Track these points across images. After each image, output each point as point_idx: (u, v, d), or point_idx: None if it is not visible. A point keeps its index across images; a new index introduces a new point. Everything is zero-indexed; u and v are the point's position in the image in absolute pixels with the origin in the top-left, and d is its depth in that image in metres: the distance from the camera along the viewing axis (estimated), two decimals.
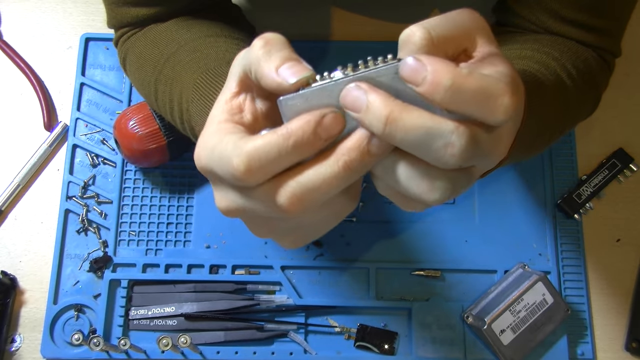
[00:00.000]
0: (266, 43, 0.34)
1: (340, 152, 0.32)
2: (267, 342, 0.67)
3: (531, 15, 0.57)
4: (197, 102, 0.48)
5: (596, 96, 0.60)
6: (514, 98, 0.31)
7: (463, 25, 0.34)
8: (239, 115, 0.37)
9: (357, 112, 0.31)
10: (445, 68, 0.30)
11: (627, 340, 0.68)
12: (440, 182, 0.33)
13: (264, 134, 0.32)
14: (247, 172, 0.32)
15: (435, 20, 0.34)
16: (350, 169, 0.33)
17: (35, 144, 0.74)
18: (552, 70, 0.52)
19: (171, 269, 0.69)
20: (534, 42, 0.56)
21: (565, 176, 0.73)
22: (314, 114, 0.32)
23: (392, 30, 0.78)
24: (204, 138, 0.35)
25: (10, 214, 0.72)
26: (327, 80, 0.33)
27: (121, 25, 0.59)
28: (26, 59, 0.77)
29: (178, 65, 0.53)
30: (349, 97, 0.32)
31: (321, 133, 0.32)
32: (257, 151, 0.32)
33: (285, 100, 0.33)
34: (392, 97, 0.31)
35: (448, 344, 0.66)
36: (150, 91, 0.57)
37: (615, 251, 0.71)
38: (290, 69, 0.33)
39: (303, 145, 0.32)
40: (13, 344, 0.67)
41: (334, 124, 0.32)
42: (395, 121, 0.30)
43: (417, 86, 0.30)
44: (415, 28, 0.33)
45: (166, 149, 0.68)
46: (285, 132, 0.32)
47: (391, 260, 0.70)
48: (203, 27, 0.57)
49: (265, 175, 0.33)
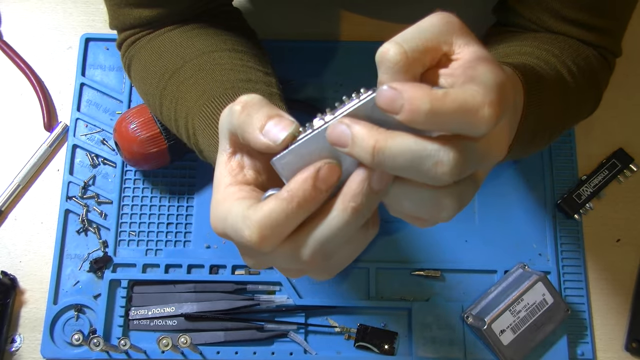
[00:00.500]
0: (244, 107, 0.36)
1: (346, 200, 0.33)
2: (267, 342, 0.67)
3: (532, 14, 0.57)
4: (204, 130, 0.48)
5: (597, 94, 0.60)
6: (493, 107, 0.30)
7: (436, 31, 0.35)
8: (241, 174, 0.38)
9: (345, 147, 0.32)
10: (421, 93, 0.30)
11: (627, 340, 0.68)
12: (446, 200, 0.33)
13: (269, 197, 0.33)
14: (261, 241, 0.33)
15: (407, 33, 0.35)
16: (359, 211, 0.33)
17: (35, 144, 0.74)
18: (552, 65, 0.52)
19: (171, 269, 0.69)
20: (533, 40, 0.56)
21: (565, 176, 0.73)
22: (310, 171, 0.33)
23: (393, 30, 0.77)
24: (215, 206, 0.37)
25: (10, 214, 0.72)
26: (310, 131, 0.34)
27: (124, 27, 0.59)
28: (26, 59, 0.77)
29: (183, 85, 0.53)
30: (334, 134, 0.32)
31: (320, 186, 0.33)
32: (265, 219, 0.33)
33: (278, 161, 0.34)
34: (375, 127, 0.32)
35: (448, 344, 0.66)
36: (155, 103, 0.57)
37: (615, 251, 0.71)
38: (274, 128, 0.34)
39: (307, 203, 0.33)
40: (13, 344, 0.67)
41: (330, 174, 0.33)
42: (382, 150, 0.31)
43: (396, 114, 0.30)
44: (388, 45, 0.34)
45: (167, 153, 0.68)
46: (287, 195, 0.33)
47: (391, 260, 0.70)
48: (207, 40, 0.57)
49: (279, 238, 0.34)
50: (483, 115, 0.30)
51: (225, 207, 0.36)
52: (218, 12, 0.61)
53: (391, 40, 0.34)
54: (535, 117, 0.48)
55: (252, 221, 0.33)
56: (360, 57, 0.76)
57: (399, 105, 0.30)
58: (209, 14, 0.60)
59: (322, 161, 0.33)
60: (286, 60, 0.76)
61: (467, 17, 0.36)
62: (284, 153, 0.34)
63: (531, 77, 0.48)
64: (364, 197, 0.33)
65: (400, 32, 0.34)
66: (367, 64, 0.76)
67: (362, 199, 0.33)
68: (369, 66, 0.81)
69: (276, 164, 0.34)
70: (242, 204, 0.35)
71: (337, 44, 0.77)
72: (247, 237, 0.34)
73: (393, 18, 0.78)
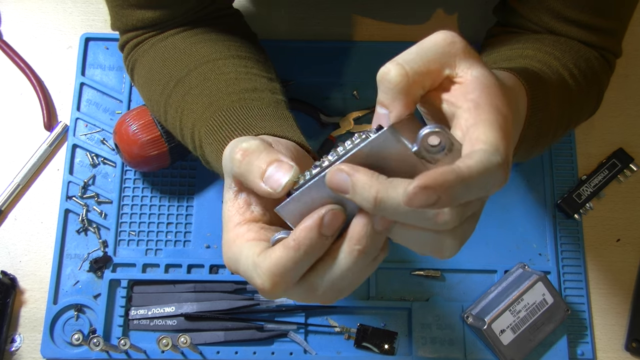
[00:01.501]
0: (244, 155, 0.37)
1: (351, 244, 0.34)
2: (267, 342, 0.67)
3: (533, 15, 0.57)
4: (211, 144, 0.49)
5: (599, 95, 0.60)
6: (505, 172, 0.31)
7: (439, 52, 0.35)
8: (248, 211, 0.39)
9: (346, 193, 0.32)
10: (448, 174, 0.29)
11: (627, 340, 0.68)
12: (448, 241, 0.34)
13: (277, 244, 0.34)
14: (273, 288, 0.35)
15: (409, 53, 0.34)
16: (366, 252, 0.34)
17: (35, 144, 0.74)
18: (554, 69, 0.52)
19: (171, 269, 0.69)
20: (535, 42, 0.55)
21: (565, 176, 0.73)
22: (314, 219, 0.34)
23: (394, 30, 0.78)
24: (228, 246, 0.38)
25: (10, 214, 0.72)
26: (309, 178, 0.34)
27: (126, 28, 0.59)
28: (26, 59, 0.77)
29: (188, 95, 0.53)
30: (334, 181, 0.33)
31: (326, 232, 0.34)
32: (275, 268, 0.34)
33: (282, 210, 0.35)
34: (375, 175, 0.32)
35: (448, 344, 0.66)
36: (159, 110, 0.57)
37: (615, 251, 0.71)
38: (274, 175, 0.35)
39: (314, 250, 0.34)
40: (13, 344, 0.67)
41: (335, 220, 0.34)
42: (383, 201, 0.31)
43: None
44: (390, 65, 0.34)
45: (167, 155, 0.67)
46: (294, 244, 0.34)
47: (391, 260, 0.70)
48: (210, 47, 0.57)
49: (290, 283, 0.35)
50: (497, 181, 0.31)
51: (236, 250, 0.37)
52: (219, 15, 0.61)
53: (393, 60, 0.34)
54: (538, 122, 0.48)
55: (263, 269, 0.34)
56: (360, 57, 0.76)
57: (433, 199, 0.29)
58: (211, 16, 0.60)
59: (326, 207, 0.34)
60: (286, 60, 0.76)
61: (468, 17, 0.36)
62: (287, 202, 0.35)
63: (534, 83, 0.47)
64: (368, 239, 0.34)
65: (400, 31, 0.34)
66: (367, 64, 0.76)
67: (367, 241, 0.34)
68: (369, 66, 0.82)
69: (281, 212, 0.35)
70: (252, 250, 0.36)
71: (337, 44, 0.77)
72: (260, 284, 0.35)
73: (393, 18, 0.78)
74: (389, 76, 0.34)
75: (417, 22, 0.77)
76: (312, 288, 0.36)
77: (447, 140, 0.31)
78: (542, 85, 0.49)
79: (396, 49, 0.34)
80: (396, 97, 0.34)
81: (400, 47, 0.36)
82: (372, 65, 0.77)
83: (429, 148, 0.32)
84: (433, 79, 0.35)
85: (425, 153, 0.32)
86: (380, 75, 0.34)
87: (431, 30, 0.36)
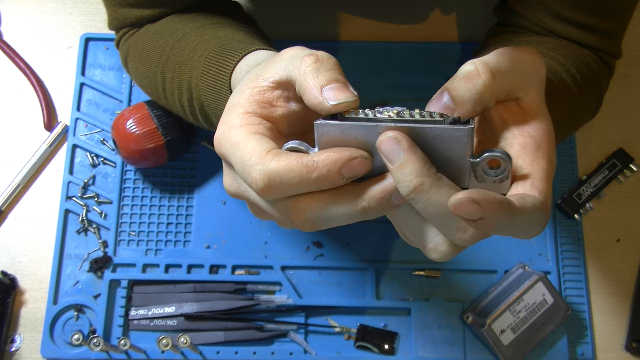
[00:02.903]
0: (317, 60, 0.35)
1: (361, 197, 0.33)
2: (267, 342, 0.67)
3: (532, 15, 0.57)
4: (208, 74, 0.47)
5: (598, 99, 0.60)
6: (544, 225, 0.32)
7: (526, 72, 0.34)
8: (269, 109, 0.36)
9: (391, 163, 0.32)
10: (500, 214, 0.29)
11: (627, 340, 0.68)
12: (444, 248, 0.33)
13: (290, 152, 0.33)
14: (265, 189, 0.33)
15: (503, 63, 0.33)
16: (367, 213, 0.33)
17: (35, 144, 0.74)
18: (558, 76, 0.52)
19: (171, 269, 0.69)
20: (538, 45, 0.55)
21: (565, 176, 0.73)
22: (343, 155, 0.32)
23: (394, 30, 0.78)
24: (227, 127, 0.35)
25: (10, 214, 0.72)
26: (367, 119, 0.33)
27: (123, 26, 0.59)
28: (26, 59, 0.77)
29: (187, 49, 0.52)
30: (387, 145, 0.32)
31: (345, 174, 0.32)
32: (279, 173, 0.32)
33: (321, 125, 0.33)
34: (428, 165, 0.31)
35: (448, 344, 0.66)
36: (156, 82, 0.56)
37: (615, 251, 0.71)
38: (335, 90, 0.33)
39: (325, 180, 0.32)
40: (13, 344, 0.67)
41: (360, 168, 0.33)
42: (422, 192, 0.31)
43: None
44: (481, 69, 0.33)
45: (164, 149, 0.68)
46: (311, 165, 0.32)
47: (391, 260, 0.70)
48: (207, 16, 0.56)
49: (281, 195, 0.33)
50: (538, 230, 0.31)
51: (240, 135, 0.34)
52: (219, 5, 0.61)
53: (484, 63, 0.33)
54: None
55: (267, 168, 0.32)
56: (360, 57, 0.76)
57: (477, 213, 0.29)
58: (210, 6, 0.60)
59: (358, 152, 0.33)
60: None
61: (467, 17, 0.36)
62: (331, 122, 0.33)
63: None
64: (378, 205, 0.33)
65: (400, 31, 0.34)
66: (367, 64, 0.76)
67: (376, 205, 0.33)
68: (369, 66, 0.82)
69: (318, 127, 0.33)
70: (260, 144, 0.34)
71: (337, 44, 0.77)
72: (254, 180, 0.33)
73: (393, 18, 0.78)
74: (478, 81, 0.33)
75: (417, 21, 0.77)
76: (299, 210, 0.34)
77: (507, 172, 0.32)
78: (550, 95, 0.49)
79: (396, 48, 0.35)
80: (472, 103, 0.33)
81: (400, 47, 0.36)
82: (372, 65, 0.77)
83: (487, 169, 0.32)
84: (507, 96, 0.34)
85: (480, 169, 0.32)
86: (467, 73, 0.33)
87: (431, 29, 0.36)
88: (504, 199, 0.29)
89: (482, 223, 0.29)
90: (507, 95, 0.34)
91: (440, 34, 0.76)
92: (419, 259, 0.70)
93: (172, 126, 0.67)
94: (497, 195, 0.29)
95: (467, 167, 0.32)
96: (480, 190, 0.29)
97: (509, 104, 0.35)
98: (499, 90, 0.33)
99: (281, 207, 0.34)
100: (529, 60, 0.35)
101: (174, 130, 0.68)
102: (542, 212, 0.31)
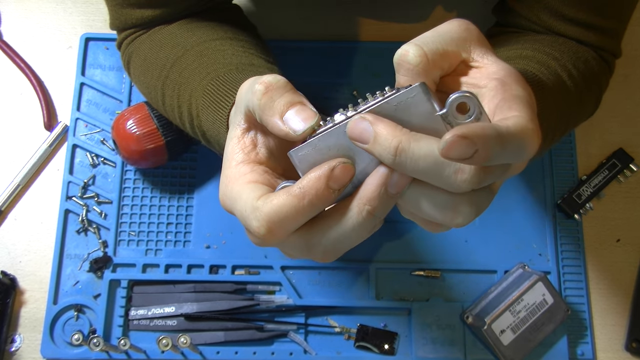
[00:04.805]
0: (267, 89, 0.35)
1: (361, 202, 0.33)
2: (267, 342, 0.67)
3: (532, 14, 0.57)
4: (207, 109, 0.48)
5: (597, 97, 0.60)
6: (538, 137, 0.31)
7: (455, 37, 0.35)
8: (254, 152, 0.38)
9: (365, 143, 0.32)
10: (489, 131, 0.29)
11: (627, 340, 0.68)
12: (463, 207, 0.33)
13: (281, 190, 0.33)
14: (268, 235, 0.33)
15: (427, 36, 0.34)
16: (374, 214, 0.33)
17: (35, 144, 0.74)
18: (552, 70, 0.52)
19: (171, 269, 0.69)
20: (534, 42, 0.55)
21: (565, 176, 0.73)
22: (323, 169, 0.33)
23: (394, 30, 0.78)
24: (225, 183, 0.37)
25: (10, 214, 0.72)
26: (331, 125, 0.33)
27: (125, 27, 0.59)
28: (26, 59, 0.77)
29: (185, 71, 0.53)
30: (355, 130, 0.32)
31: (333, 186, 0.33)
32: (275, 214, 0.33)
33: (295, 154, 0.34)
34: (399, 127, 0.31)
35: (448, 344, 0.66)
36: (157, 95, 0.57)
37: (615, 251, 0.71)
38: (295, 116, 0.34)
39: (318, 201, 0.33)
40: (13, 344, 0.67)
41: (344, 174, 0.33)
42: (404, 151, 0.31)
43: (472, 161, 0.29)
44: (407, 46, 0.33)
45: (164, 149, 0.68)
46: (299, 192, 0.32)
47: (391, 260, 0.70)
48: (207, 30, 0.57)
49: (286, 233, 0.34)
50: (532, 147, 0.31)
51: (236, 189, 0.36)
52: (219, 10, 0.61)
53: (410, 42, 0.34)
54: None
55: (262, 213, 0.33)
56: (361, 57, 0.76)
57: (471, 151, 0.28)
58: (209, 12, 0.60)
59: (337, 160, 0.33)
60: (286, 60, 0.76)
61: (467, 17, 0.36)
62: (302, 146, 0.33)
63: (534, 85, 0.47)
64: (379, 200, 0.33)
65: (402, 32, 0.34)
66: (367, 64, 0.76)
67: (378, 202, 0.33)
68: (369, 66, 0.82)
69: (293, 157, 0.34)
70: (253, 192, 0.34)
71: (338, 44, 0.77)
72: (255, 228, 0.34)
73: (394, 18, 0.78)
74: (408, 57, 0.33)
75: (417, 21, 0.77)
76: (312, 244, 0.35)
77: (476, 107, 0.31)
78: (542, 88, 0.49)
79: (396, 48, 0.34)
80: (416, 79, 0.33)
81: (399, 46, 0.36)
82: (372, 65, 0.77)
83: (458, 115, 0.31)
84: (450, 61, 0.34)
85: (453, 118, 0.32)
86: (398, 57, 0.34)
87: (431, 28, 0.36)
88: (488, 125, 0.29)
89: (477, 156, 0.28)
90: (451, 61, 0.34)
91: None
92: (419, 259, 0.70)
93: (172, 126, 0.67)
94: (479, 123, 0.29)
95: (440, 124, 0.32)
96: (462, 125, 0.29)
97: (461, 70, 0.35)
98: (434, 57, 0.33)
99: (297, 249, 0.35)
100: (452, 24, 0.35)
101: (174, 131, 0.68)
102: (528, 125, 0.31)
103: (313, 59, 0.76)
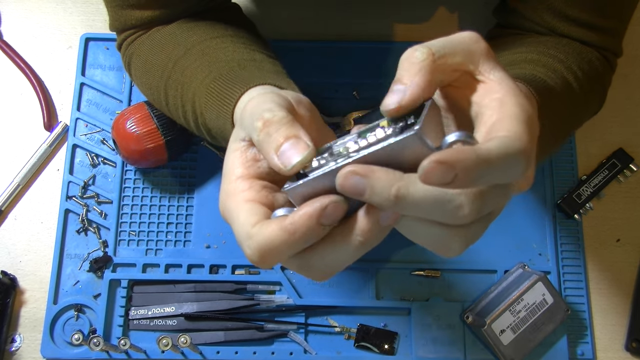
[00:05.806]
0: (265, 125, 0.36)
1: (355, 235, 0.34)
2: (267, 342, 0.67)
3: (535, 15, 0.56)
4: (211, 107, 0.48)
5: (601, 96, 0.60)
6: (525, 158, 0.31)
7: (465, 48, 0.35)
8: (255, 166, 0.38)
9: (361, 196, 0.32)
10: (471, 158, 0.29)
11: (627, 340, 0.68)
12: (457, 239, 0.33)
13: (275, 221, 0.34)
14: (261, 262, 0.35)
15: (437, 41, 0.34)
16: (367, 244, 0.34)
17: (35, 144, 0.74)
18: (559, 73, 0.52)
19: (171, 269, 0.69)
20: (538, 45, 0.55)
21: (565, 176, 0.73)
22: (315, 208, 0.33)
23: (394, 30, 0.78)
24: (225, 198, 0.38)
25: (10, 214, 0.72)
26: (324, 168, 0.34)
27: (124, 28, 0.59)
28: (26, 59, 0.77)
29: (187, 70, 0.53)
30: (347, 186, 0.32)
31: (325, 222, 0.33)
32: (266, 244, 0.34)
33: (288, 190, 0.35)
34: (391, 171, 0.31)
35: (448, 344, 0.66)
36: (159, 96, 0.57)
37: (615, 251, 0.71)
38: (289, 151, 0.35)
39: (310, 236, 0.33)
40: (13, 344, 0.67)
41: (336, 212, 0.33)
42: (404, 197, 0.31)
43: None
44: (417, 46, 0.34)
45: (164, 148, 0.68)
46: (291, 228, 0.33)
47: (391, 260, 0.70)
48: (207, 29, 0.57)
49: (279, 260, 0.35)
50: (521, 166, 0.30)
51: (233, 206, 0.37)
52: (218, 11, 0.61)
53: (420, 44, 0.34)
54: (545, 129, 0.48)
55: (255, 243, 0.34)
56: (360, 57, 0.76)
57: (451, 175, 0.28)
58: (209, 12, 0.60)
59: (329, 198, 0.33)
60: (286, 60, 0.76)
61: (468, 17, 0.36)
62: (295, 185, 0.34)
63: (542, 91, 0.47)
64: (371, 233, 0.34)
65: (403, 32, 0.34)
66: (367, 64, 0.76)
67: (370, 235, 0.34)
68: (369, 66, 0.81)
69: (287, 193, 0.35)
70: (249, 216, 0.35)
71: (337, 44, 0.77)
72: (249, 255, 0.35)
73: (394, 18, 0.78)
74: (415, 55, 0.33)
75: (417, 22, 0.77)
76: (307, 265, 0.36)
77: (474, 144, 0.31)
78: (550, 93, 0.49)
79: (396, 49, 0.35)
80: (418, 73, 0.33)
81: (400, 47, 0.36)
82: (372, 65, 0.77)
83: None
84: (456, 69, 0.35)
85: None
86: (405, 56, 0.34)
87: (432, 30, 0.36)
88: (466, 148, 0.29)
89: (457, 180, 0.28)
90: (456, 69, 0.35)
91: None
92: (419, 258, 0.70)
93: (172, 126, 0.67)
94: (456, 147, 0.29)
95: None
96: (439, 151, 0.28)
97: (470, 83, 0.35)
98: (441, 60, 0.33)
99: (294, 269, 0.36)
100: (463, 35, 0.35)
101: (174, 130, 0.68)
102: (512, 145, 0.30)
103: (313, 59, 0.76)
